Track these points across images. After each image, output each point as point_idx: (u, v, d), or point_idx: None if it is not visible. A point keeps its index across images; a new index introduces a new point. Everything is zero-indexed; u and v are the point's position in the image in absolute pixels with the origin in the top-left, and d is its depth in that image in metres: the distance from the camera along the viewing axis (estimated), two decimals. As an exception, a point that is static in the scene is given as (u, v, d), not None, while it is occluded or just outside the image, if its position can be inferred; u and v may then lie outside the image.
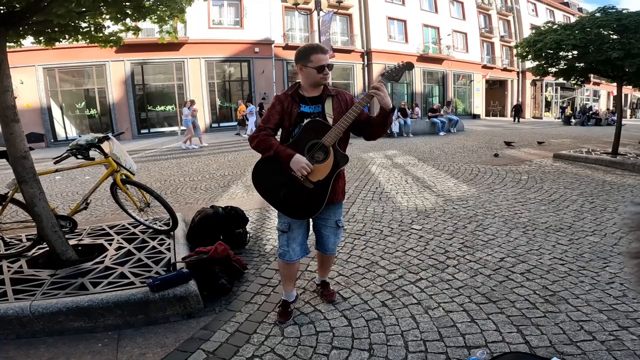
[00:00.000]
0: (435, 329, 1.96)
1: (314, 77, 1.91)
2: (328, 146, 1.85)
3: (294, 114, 1.93)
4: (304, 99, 1.96)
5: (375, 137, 2.01)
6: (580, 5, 36.10)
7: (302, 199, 1.90)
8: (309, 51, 1.89)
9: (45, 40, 2.94)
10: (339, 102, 1.97)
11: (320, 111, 1.95)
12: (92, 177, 6.81)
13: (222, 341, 1.95)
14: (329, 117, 1.92)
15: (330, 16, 15.33)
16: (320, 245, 2.14)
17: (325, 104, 1.95)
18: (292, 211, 1.94)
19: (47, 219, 2.60)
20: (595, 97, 34.25)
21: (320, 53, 1.88)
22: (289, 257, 2.01)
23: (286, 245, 2.01)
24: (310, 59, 1.88)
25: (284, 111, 1.94)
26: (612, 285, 2.32)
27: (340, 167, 1.91)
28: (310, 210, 1.93)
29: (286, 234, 2.00)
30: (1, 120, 2.45)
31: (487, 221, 3.63)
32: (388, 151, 8.95)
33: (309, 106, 1.95)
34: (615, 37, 6.42)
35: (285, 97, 1.96)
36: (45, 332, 2.07)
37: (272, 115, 1.94)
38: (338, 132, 1.83)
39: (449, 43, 24.45)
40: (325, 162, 1.87)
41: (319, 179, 1.87)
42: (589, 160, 6.82)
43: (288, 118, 1.94)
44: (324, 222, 2.07)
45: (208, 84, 17.56)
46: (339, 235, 2.14)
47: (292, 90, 1.99)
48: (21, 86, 13.87)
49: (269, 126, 1.93)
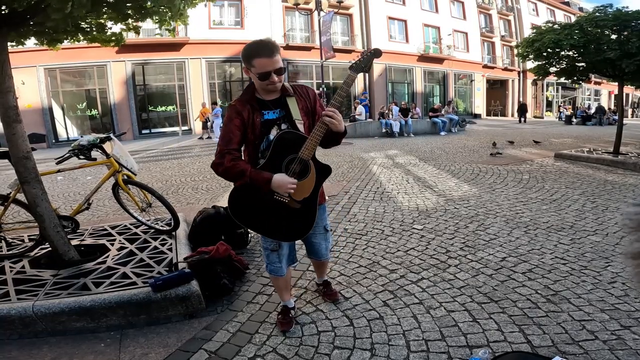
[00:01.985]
0: (437, 329, 1.96)
1: (259, 84, 1.66)
2: (307, 160, 1.66)
3: (257, 123, 1.68)
4: (264, 103, 1.71)
5: (326, 147, 1.84)
6: (580, 4, 36.04)
7: (291, 221, 1.74)
8: (251, 54, 1.58)
9: (47, 41, 2.95)
10: (303, 101, 1.77)
11: (285, 115, 1.72)
12: (93, 177, 6.83)
13: (224, 341, 1.95)
14: (298, 122, 1.70)
15: (331, 16, 15.34)
16: (312, 254, 2.06)
17: (290, 106, 1.71)
18: (282, 235, 1.80)
19: (50, 219, 2.60)
20: (597, 96, 34.20)
21: (264, 57, 1.56)
22: (282, 272, 1.94)
23: (278, 262, 1.91)
24: (252, 64, 1.60)
25: (245, 123, 1.67)
26: (614, 285, 2.32)
27: (323, 180, 1.75)
28: (303, 230, 1.78)
29: (276, 252, 1.90)
30: (3, 120, 2.45)
31: (489, 221, 3.63)
32: (389, 151, 8.95)
33: (272, 111, 1.71)
34: (614, 37, 6.41)
35: (243, 107, 1.68)
36: (48, 332, 2.07)
37: (232, 132, 1.66)
38: (315, 142, 1.63)
39: (450, 43, 24.45)
40: (307, 177, 1.69)
41: (305, 196, 1.70)
42: (590, 159, 6.81)
43: (251, 130, 1.68)
44: (312, 231, 1.90)
45: (209, 84, 17.59)
46: (329, 240, 2.06)
47: (247, 95, 1.71)
48: (22, 87, 13.91)
49: (232, 147, 1.65)
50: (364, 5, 21.15)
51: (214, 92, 17.91)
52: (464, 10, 25.77)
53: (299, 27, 20.00)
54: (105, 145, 3.24)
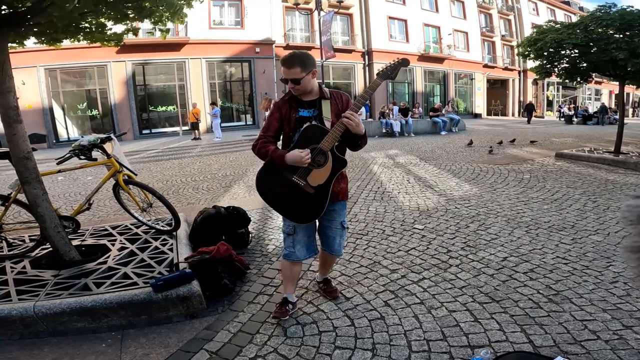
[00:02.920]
0: (438, 329, 1.96)
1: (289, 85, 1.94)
2: (326, 150, 1.86)
3: (293, 119, 1.96)
4: (302, 103, 1.98)
5: (353, 150, 2.02)
6: (581, 4, 36.01)
7: (304, 204, 1.93)
8: (281, 61, 1.93)
9: (48, 40, 2.95)
10: (336, 104, 1.99)
11: (318, 114, 1.96)
12: (94, 177, 6.83)
13: (225, 341, 1.95)
14: (327, 120, 1.93)
15: (331, 16, 15.33)
16: (326, 246, 2.17)
17: (323, 106, 1.95)
18: (295, 216, 1.98)
19: (50, 219, 2.60)
20: (597, 96, 34.15)
21: (284, 67, 1.90)
22: (295, 257, 2.05)
23: (292, 246, 2.05)
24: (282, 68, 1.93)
25: (283, 117, 1.98)
26: (615, 285, 2.31)
27: (338, 171, 1.92)
28: (313, 215, 1.96)
29: (292, 236, 2.05)
30: (4, 121, 2.45)
31: (490, 220, 3.62)
32: (390, 151, 8.94)
33: (307, 110, 1.98)
34: (619, 36, 6.38)
35: (283, 104, 2.00)
36: (49, 332, 2.07)
37: (271, 123, 2.00)
38: (335, 136, 1.84)
39: (450, 42, 24.43)
40: (324, 167, 1.89)
41: (319, 183, 1.89)
42: (591, 159, 6.80)
43: (287, 124, 1.98)
44: (329, 224, 2.09)
45: (209, 84, 17.59)
46: (343, 236, 2.16)
47: (289, 95, 2.01)
48: (23, 87, 13.91)
49: (269, 134, 1.98)
50: (364, 5, 21.13)
51: (214, 92, 17.91)
52: (464, 9, 25.75)
53: (299, 27, 19.99)
54: (106, 146, 3.24)
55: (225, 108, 18.49)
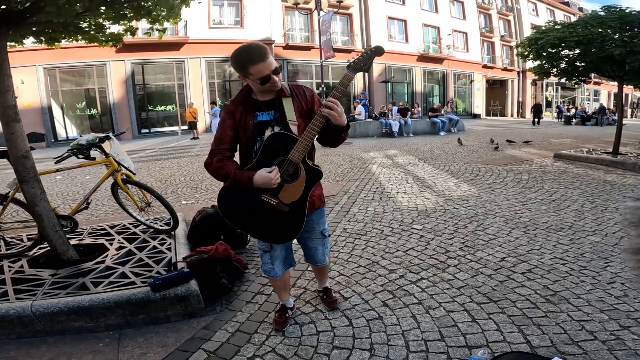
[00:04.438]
0: (436, 329, 1.96)
1: (261, 88, 1.63)
2: (297, 162, 1.61)
3: (250, 126, 1.66)
4: (258, 104, 1.67)
5: (333, 147, 1.80)
6: (580, 5, 36.08)
7: (279, 224, 1.70)
8: (246, 62, 1.55)
9: (47, 40, 2.95)
10: (299, 102, 1.71)
11: (280, 117, 1.67)
12: (93, 177, 6.82)
13: (223, 341, 1.95)
14: (292, 124, 1.66)
15: (331, 16, 15.33)
16: (309, 258, 2.02)
17: (285, 107, 1.67)
18: (270, 238, 1.78)
19: (49, 219, 2.60)
20: (596, 96, 34.23)
21: (260, 62, 1.54)
22: (275, 274, 1.91)
23: (270, 263, 1.90)
24: (249, 72, 1.56)
25: (238, 125, 1.66)
26: (613, 285, 2.32)
27: (314, 184, 1.68)
28: (290, 235, 1.75)
29: (269, 253, 1.88)
30: (2, 120, 2.45)
31: (488, 221, 3.63)
32: (389, 151, 8.95)
33: (266, 113, 1.67)
34: (617, 36, 6.40)
35: (236, 108, 1.67)
36: (47, 332, 2.07)
37: (224, 132, 1.66)
38: (306, 145, 1.58)
39: (450, 43, 24.46)
40: (297, 181, 1.64)
41: (293, 200, 1.65)
42: (589, 160, 6.81)
43: (244, 132, 1.66)
44: (309, 235, 1.90)
45: (209, 84, 17.59)
46: (327, 245, 2.00)
47: (242, 97, 1.69)
48: (22, 86, 13.90)
49: (224, 147, 1.66)
50: (364, 5, 21.16)
51: (213, 92, 17.91)
52: (464, 10, 25.79)
53: (299, 27, 20.00)
54: (105, 145, 3.24)
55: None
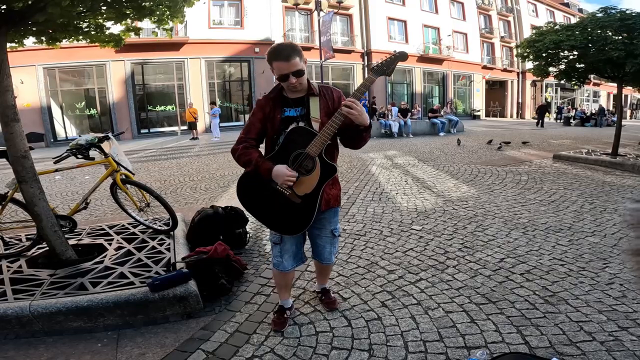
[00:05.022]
0: (435, 330, 1.96)
1: (284, 85, 1.74)
2: (313, 156, 1.68)
3: (277, 120, 1.76)
4: (287, 101, 1.78)
5: (355, 148, 1.85)
6: (580, 5, 36.15)
7: (289, 214, 1.77)
8: (271, 57, 1.67)
9: (47, 40, 2.94)
10: (325, 102, 1.79)
11: (305, 113, 1.77)
12: (91, 176, 6.81)
13: (221, 341, 1.95)
14: (315, 121, 1.75)
15: (331, 16, 15.34)
16: (316, 255, 2.06)
17: (311, 105, 1.76)
18: (280, 227, 1.84)
19: (47, 218, 2.60)
20: (595, 97, 34.27)
21: (281, 60, 1.64)
22: (283, 268, 1.94)
23: (279, 256, 1.93)
24: (272, 66, 1.68)
25: (266, 118, 1.78)
26: (611, 286, 2.32)
27: (327, 179, 1.74)
28: (299, 226, 1.80)
29: (279, 245, 1.92)
30: (1, 119, 2.45)
31: (487, 222, 3.63)
32: (388, 151, 8.95)
33: (294, 109, 1.77)
34: (617, 38, 6.40)
35: (267, 102, 1.79)
36: (45, 332, 2.06)
37: (252, 124, 1.79)
38: (323, 141, 1.66)
39: (449, 43, 24.48)
40: (312, 174, 1.71)
41: (306, 192, 1.72)
42: (588, 161, 6.82)
43: (271, 125, 1.77)
44: (318, 232, 1.96)
45: (208, 84, 17.58)
46: (335, 245, 2.04)
47: (274, 93, 1.81)
48: (21, 86, 13.88)
49: (250, 137, 1.79)
50: (364, 6, 21.16)
51: (213, 92, 17.90)
52: (464, 11, 25.81)
53: (298, 27, 20.00)
54: (104, 145, 3.24)
55: (224, 108, 18.48)
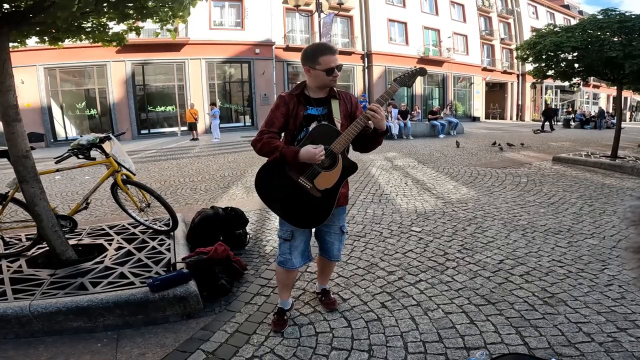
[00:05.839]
0: (434, 330, 1.97)
1: (323, 79, 1.82)
2: (337, 153, 1.77)
3: (300, 116, 1.85)
4: (310, 100, 1.88)
5: (366, 151, 1.98)
6: (580, 7, 36.24)
7: (308, 208, 1.82)
8: (318, 52, 1.79)
9: (50, 40, 2.95)
10: (344, 104, 1.91)
11: (327, 113, 1.87)
12: (92, 177, 6.82)
13: (221, 341, 1.95)
14: (337, 121, 1.85)
15: (331, 18, 15.36)
16: (324, 252, 2.09)
17: (332, 106, 1.87)
18: (297, 220, 1.86)
19: (48, 218, 2.60)
20: (595, 99, 34.31)
21: (329, 54, 1.78)
22: (291, 265, 1.94)
23: (288, 253, 1.94)
24: (318, 61, 1.78)
25: (289, 113, 1.85)
26: (610, 287, 2.33)
27: (348, 175, 1.85)
28: (317, 220, 1.85)
29: (289, 242, 1.93)
30: (3, 119, 2.45)
31: (487, 223, 3.64)
32: (388, 153, 8.96)
33: (315, 108, 1.87)
34: (616, 40, 6.42)
35: (291, 98, 1.87)
36: (45, 331, 2.07)
37: (276, 117, 1.84)
38: (347, 139, 1.75)
39: (449, 45, 24.50)
40: (333, 170, 1.80)
41: (327, 187, 1.80)
42: (588, 163, 6.83)
43: (293, 120, 1.85)
44: (327, 229, 2.00)
45: (208, 84, 17.58)
46: (342, 241, 2.09)
47: (298, 90, 1.89)
48: (22, 86, 13.88)
49: (273, 130, 1.83)
50: (364, 7, 21.18)
51: (213, 93, 17.90)
52: (464, 12, 25.84)
53: (299, 29, 20.02)
54: (105, 145, 3.24)
55: (224, 109, 18.49)
